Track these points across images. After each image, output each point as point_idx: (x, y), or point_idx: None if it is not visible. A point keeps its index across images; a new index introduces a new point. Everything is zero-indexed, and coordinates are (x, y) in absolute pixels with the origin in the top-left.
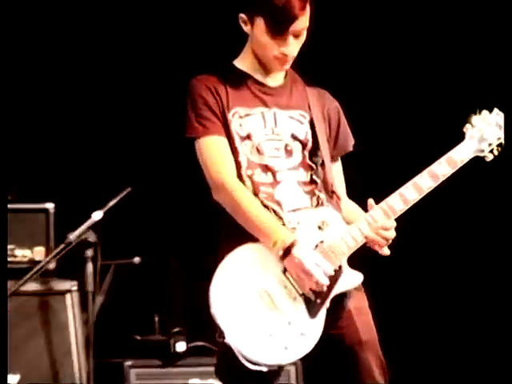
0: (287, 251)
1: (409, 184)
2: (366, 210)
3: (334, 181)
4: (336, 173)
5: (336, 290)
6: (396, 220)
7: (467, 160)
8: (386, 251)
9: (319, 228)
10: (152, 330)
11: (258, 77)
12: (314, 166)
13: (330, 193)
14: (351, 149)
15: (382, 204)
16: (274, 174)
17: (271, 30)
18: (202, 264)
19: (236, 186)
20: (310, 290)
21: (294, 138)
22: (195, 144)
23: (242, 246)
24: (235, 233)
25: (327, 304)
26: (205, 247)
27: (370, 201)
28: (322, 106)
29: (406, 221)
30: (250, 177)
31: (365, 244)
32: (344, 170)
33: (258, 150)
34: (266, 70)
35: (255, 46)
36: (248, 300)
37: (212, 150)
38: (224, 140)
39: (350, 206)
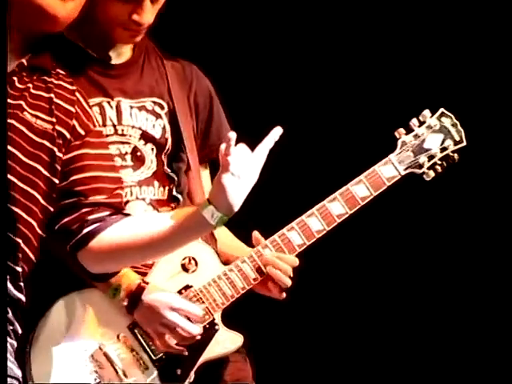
0: (135, 299)
1: (314, 210)
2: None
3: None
4: (203, 185)
5: (205, 356)
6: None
7: (397, 178)
8: (282, 294)
9: (184, 268)
10: None
11: (97, 51)
12: (174, 176)
13: None
14: None
15: (275, 237)
16: None
17: None
18: None
19: None
20: (174, 350)
21: (146, 138)
22: None
23: (69, 295)
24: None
25: (191, 377)
26: None
27: (256, 233)
28: (188, 88)
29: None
30: None
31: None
32: None
33: None
34: (108, 41)
35: (95, 9)
36: (78, 368)
37: None
38: None
39: (225, 236)
